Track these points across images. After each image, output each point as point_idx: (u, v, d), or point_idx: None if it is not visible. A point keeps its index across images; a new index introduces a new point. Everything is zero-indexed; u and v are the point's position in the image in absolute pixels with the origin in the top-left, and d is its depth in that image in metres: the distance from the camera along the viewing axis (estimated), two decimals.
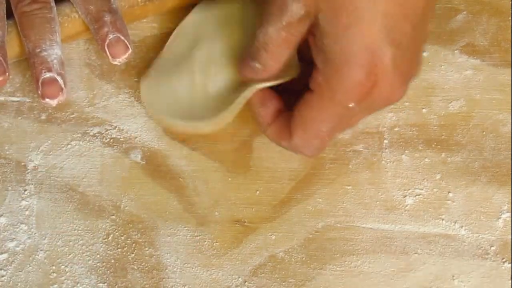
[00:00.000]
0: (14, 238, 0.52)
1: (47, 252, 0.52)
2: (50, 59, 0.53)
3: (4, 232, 0.52)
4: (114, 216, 0.53)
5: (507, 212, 0.52)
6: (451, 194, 0.53)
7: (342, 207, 0.52)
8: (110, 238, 0.52)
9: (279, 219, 0.52)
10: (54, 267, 0.51)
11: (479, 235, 0.51)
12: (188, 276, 0.51)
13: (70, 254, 0.52)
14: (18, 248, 0.52)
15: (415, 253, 0.51)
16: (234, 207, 0.53)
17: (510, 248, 0.51)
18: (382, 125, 0.54)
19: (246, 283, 0.51)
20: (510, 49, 0.56)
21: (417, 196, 0.53)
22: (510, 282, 0.50)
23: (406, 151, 0.54)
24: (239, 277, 0.51)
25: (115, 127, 0.55)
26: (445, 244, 0.51)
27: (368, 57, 0.44)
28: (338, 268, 0.51)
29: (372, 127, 0.54)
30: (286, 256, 0.51)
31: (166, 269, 0.51)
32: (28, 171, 0.54)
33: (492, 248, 0.51)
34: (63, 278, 0.51)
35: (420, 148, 0.54)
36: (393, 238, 0.52)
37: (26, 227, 0.52)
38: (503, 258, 0.51)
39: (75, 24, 0.56)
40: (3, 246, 0.52)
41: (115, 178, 0.54)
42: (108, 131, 0.55)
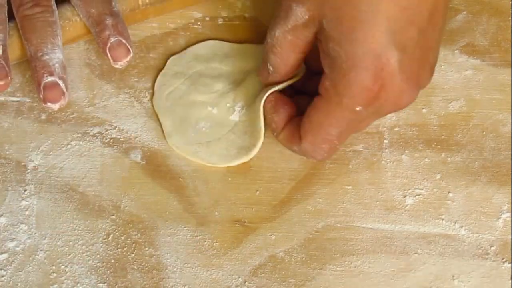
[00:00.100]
0: (14, 238, 0.52)
1: (47, 252, 0.52)
2: (52, 63, 0.53)
3: (4, 232, 0.52)
4: (114, 216, 0.52)
5: (507, 212, 0.52)
6: (451, 194, 0.53)
7: (342, 207, 0.52)
8: (110, 238, 0.52)
9: (279, 219, 0.52)
10: (54, 267, 0.51)
11: (479, 235, 0.51)
12: (188, 276, 0.51)
13: (70, 254, 0.52)
14: (18, 248, 0.52)
15: (415, 253, 0.51)
16: (234, 207, 0.53)
17: (510, 248, 0.51)
18: (382, 125, 0.54)
19: (246, 283, 0.51)
20: (510, 49, 0.56)
21: (417, 196, 0.53)
22: (510, 282, 0.50)
23: (406, 151, 0.54)
24: (239, 277, 0.51)
25: (115, 127, 0.55)
26: (445, 244, 0.51)
27: (374, 60, 0.44)
28: (338, 268, 0.51)
29: (372, 127, 0.54)
30: (286, 256, 0.51)
31: (166, 269, 0.51)
32: (28, 171, 0.54)
33: (492, 248, 0.51)
34: (63, 278, 0.51)
35: (420, 148, 0.54)
36: (393, 238, 0.52)
37: (26, 227, 0.52)
38: (503, 258, 0.51)
39: (76, 27, 0.56)
40: (3, 246, 0.52)
41: (115, 178, 0.54)
42: (108, 131, 0.55)
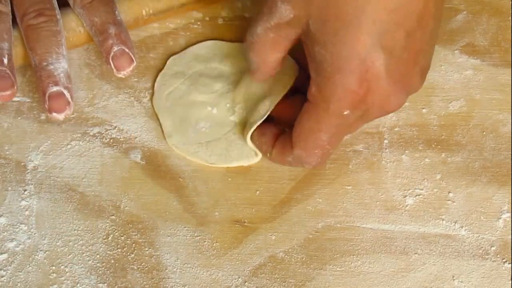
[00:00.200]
0: (14, 238, 0.52)
1: (47, 252, 0.51)
2: (57, 72, 0.53)
3: (4, 232, 0.52)
4: (114, 216, 0.52)
5: (507, 212, 0.52)
6: (451, 194, 0.53)
7: (342, 207, 0.52)
8: (110, 238, 0.52)
9: (279, 219, 0.52)
10: (54, 267, 0.51)
11: (479, 235, 0.51)
12: (188, 276, 0.51)
13: (70, 254, 0.51)
14: (18, 248, 0.52)
15: (415, 253, 0.51)
16: (234, 207, 0.53)
17: (510, 248, 0.51)
18: (382, 125, 0.54)
19: (246, 283, 0.51)
20: (510, 49, 0.56)
21: (417, 196, 0.53)
22: (510, 282, 0.50)
23: (406, 151, 0.54)
24: (239, 277, 0.51)
25: (115, 127, 0.55)
26: (445, 244, 0.51)
27: (359, 63, 0.44)
28: (338, 268, 0.51)
29: (372, 127, 0.54)
30: (286, 256, 0.51)
31: (166, 269, 0.51)
32: (28, 171, 0.54)
33: (492, 248, 0.51)
34: (63, 278, 0.51)
35: (420, 148, 0.54)
36: (393, 238, 0.52)
37: (26, 227, 0.52)
38: (503, 258, 0.51)
39: (80, 37, 0.56)
40: (3, 246, 0.52)
41: (115, 178, 0.54)
42: (108, 131, 0.55)
